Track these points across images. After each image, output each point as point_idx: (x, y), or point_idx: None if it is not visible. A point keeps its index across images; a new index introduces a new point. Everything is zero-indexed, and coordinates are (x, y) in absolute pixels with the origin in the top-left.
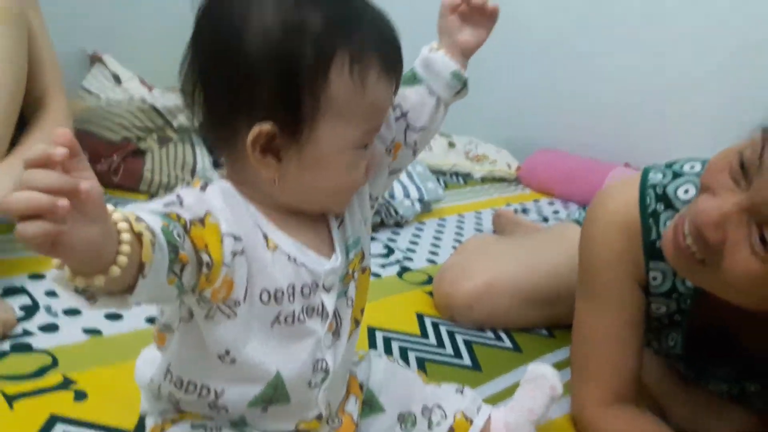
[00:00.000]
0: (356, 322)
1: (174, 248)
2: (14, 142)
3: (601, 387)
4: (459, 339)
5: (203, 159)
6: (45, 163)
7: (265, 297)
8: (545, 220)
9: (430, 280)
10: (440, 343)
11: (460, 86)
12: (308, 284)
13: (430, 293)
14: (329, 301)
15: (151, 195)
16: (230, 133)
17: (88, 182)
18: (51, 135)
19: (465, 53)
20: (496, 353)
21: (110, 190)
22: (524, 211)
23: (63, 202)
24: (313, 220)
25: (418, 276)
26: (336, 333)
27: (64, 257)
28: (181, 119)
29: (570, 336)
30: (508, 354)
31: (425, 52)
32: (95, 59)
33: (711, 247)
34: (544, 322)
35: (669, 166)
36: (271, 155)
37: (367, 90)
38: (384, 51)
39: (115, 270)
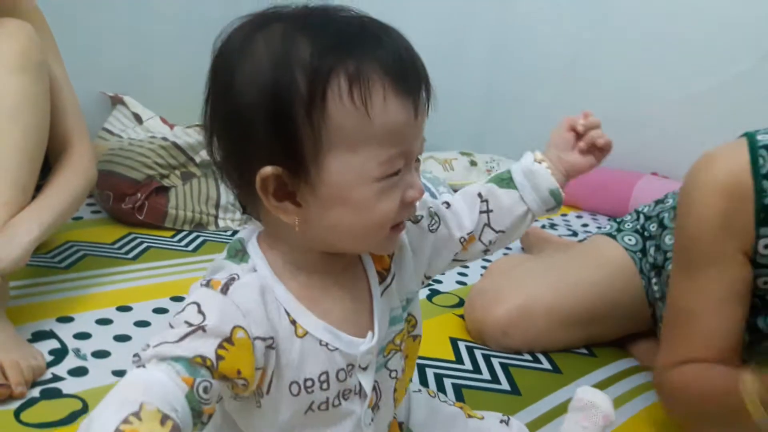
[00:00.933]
0: (405, 390)
1: (198, 413)
2: (39, 187)
3: (694, 357)
4: (495, 363)
5: (227, 192)
6: None
7: (294, 389)
8: (574, 234)
9: (460, 303)
10: (476, 368)
11: (555, 204)
12: (343, 368)
13: (462, 316)
14: (366, 380)
15: (176, 231)
16: (244, 182)
17: None
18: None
19: (569, 174)
20: (534, 376)
21: (135, 228)
22: (552, 226)
23: None
24: (353, 285)
25: (449, 299)
26: (376, 406)
27: None
28: (204, 155)
29: (610, 354)
30: (547, 376)
31: (528, 161)
32: (116, 101)
33: None
34: (583, 342)
35: None
36: (288, 200)
37: (375, 114)
38: (391, 65)
39: None
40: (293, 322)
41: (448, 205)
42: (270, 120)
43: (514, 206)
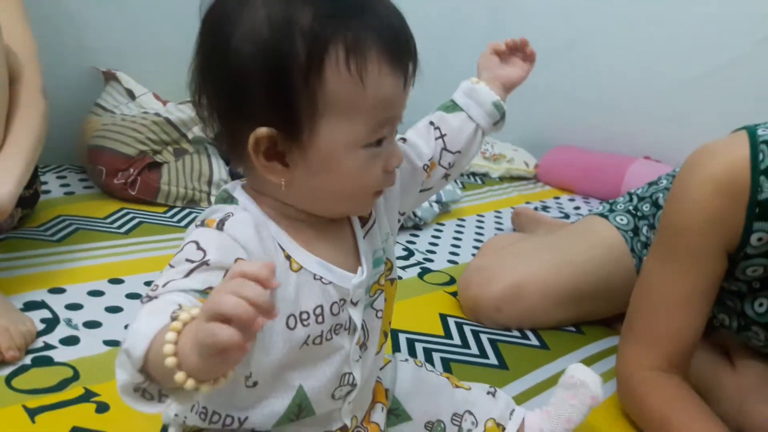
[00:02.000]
0: (385, 335)
1: None
2: None
3: (657, 352)
4: (484, 338)
5: (219, 169)
6: (259, 280)
7: (291, 322)
8: (566, 217)
9: (452, 281)
10: (465, 343)
11: (500, 116)
12: (336, 301)
13: (453, 294)
14: (357, 315)
15: (169, 207)
16: (236, 141)
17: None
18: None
19: (506, 87)
20: (522, 351)
21: (128, 204)
22: (545, 208)
23: (262, 320)
24: (338, 229)
25: (440, 277)
26: (364, 345)
27: (226, 368)
28: (196, 131)
29: (597, 332)
30: (534, 352)
31: (467, 84)
32: (109, 76)
33: None
34: (572, 320)
35: None
36: (277, 160)
37: (369, 84)
38: (387, 39)
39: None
40: (288, 257)
41: (404, 140)
42: (267, 82)
43: (464, 125)
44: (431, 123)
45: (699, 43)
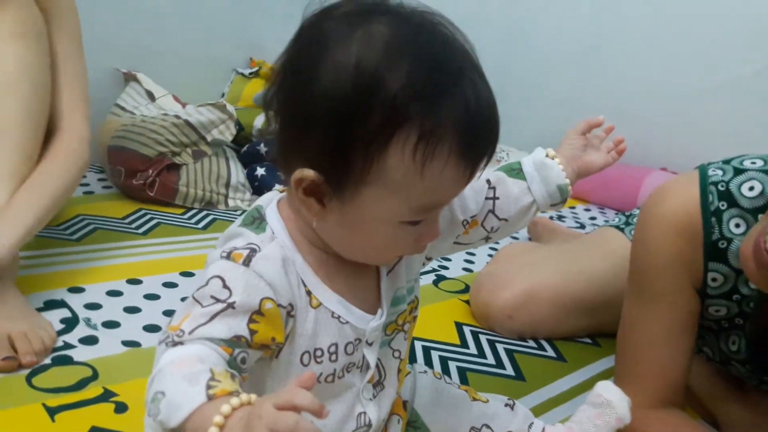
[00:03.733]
0: (406, 370)
1: (235, 376)
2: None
3: (648, 392)
4: (500, 348)
5: (237, 172)
6: (313, 413)
7: (306, 359)
8: (582, 227)
9: (466, 289)
10: (481, 353)
11: (560, 200)
12: (352, 342)
13: (467, 302)
14: (371, 355)
15: (187, 209)
16: (288, 167)
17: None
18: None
19: (581, 173)
20: (539, 363)
21: (146, 205)
22: (560, 218)
23: None
24: (363, 265)
25: (455, 285)
26: (379, 384)
27: None
28: (215, 133)
29: (614, 345)
30: (551, 364)
31: (541, 156)
32: (129, 77)
33: None
34: (587, 331)
35: (727, 162)
36: (315, 198)
37: (428, 175)
38: (468, 132)
39: None
40: (309, 293)
41: None
42: (330, 131)
43: (521, 196)
44: (488, 181)
45: (718, 53)
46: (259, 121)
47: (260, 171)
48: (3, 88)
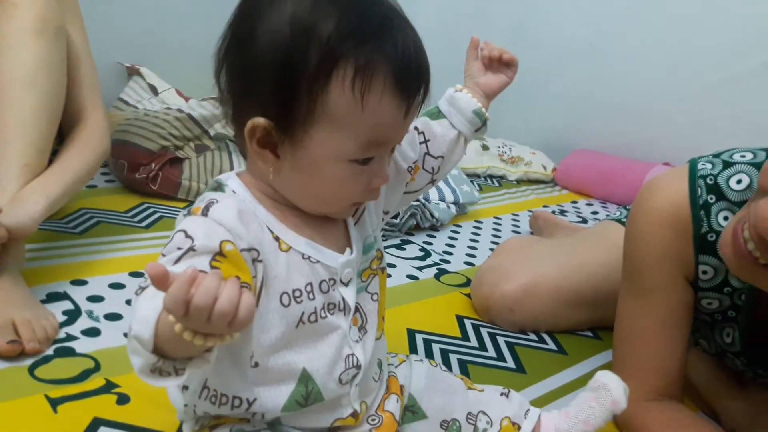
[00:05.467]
0: (383, 319)
1: None
2: (54, 152)
3: (645, 385)
4: (501, 341)
5: (240, 166)
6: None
7: (285, 300)
8: (584, 221)
9: (468, 282)
10: (482, 346)
11: (481, 124)
12: (326, 280)
13: (469, 295)
14: (349, 294)
15: (189, 202)
16: (239, 124)
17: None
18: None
19: (488, 95)
20: (540, 355)
21: (149, 198)
22: (562, 212)
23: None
24: (330, 219)
25: (456, 278)
26: (363, 328)
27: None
28: (218, 128)
29: None
30: (552, 356)
31: (450, 92)
32: (132, 71)
33: None
34: (588, 324)
35: (717, 155)
36: (269, 149)
37: (367, 107)
38: (397, 68)
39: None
40: (276, 239)
41: None
42: (275, 77)
43: (446, 132)
44: (416, 128)
45: (721, 49)
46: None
47: None
48: (22, 84)
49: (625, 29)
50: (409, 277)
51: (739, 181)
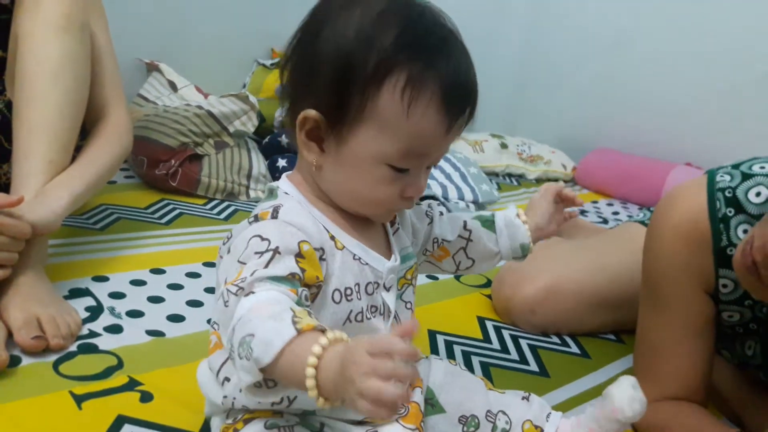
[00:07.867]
0: None
1: (311, 313)
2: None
3: (665, 393)
4: (523, 344)
5: (259, 163)
6: (408, 356)
7: (337, 297)
8: (605, 221)
9: (488, 283)
10: (504, 348)
11: (521, 256)
12: (371, 282)
13: (489, 296)
14: (390, 299)
15: (208, 199)
16: (294, 115)
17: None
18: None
19: (538, 236)
20: (563, 359)
21: (168, 195)
22: (583, 213)
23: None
24: (371, 223)
25: (477, 279)
26: None
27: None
28: (237, 125)
29: None
30: (576, 360)
31: (513, 215)
32: (152, 68)
33: None
34: (611, 327)
35: (736, 167)
36: (315, 143)
37: (412, 116)
38: (447, 84)
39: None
40: (332, 238)
41: (442, 214)
42: (334, 76)
43: (489, 245)
44: (465, 225)
45: (747, 50)
46: (280, 112)
47: (281, 162)
48: (47, 80)
49: (649, 27)
50: (429, 277)
51: (758, 194)
